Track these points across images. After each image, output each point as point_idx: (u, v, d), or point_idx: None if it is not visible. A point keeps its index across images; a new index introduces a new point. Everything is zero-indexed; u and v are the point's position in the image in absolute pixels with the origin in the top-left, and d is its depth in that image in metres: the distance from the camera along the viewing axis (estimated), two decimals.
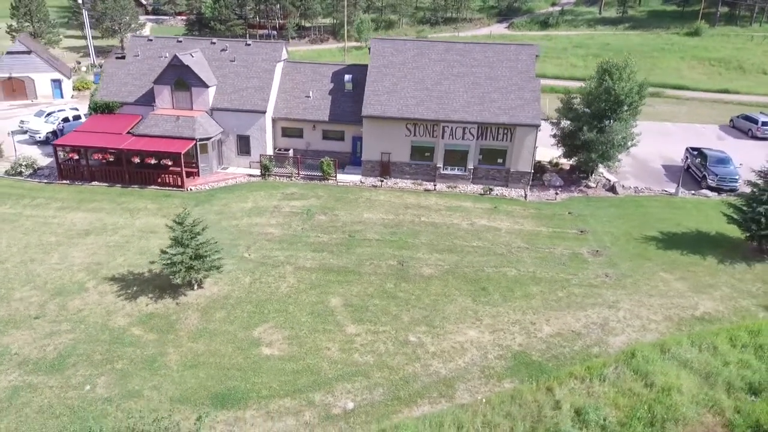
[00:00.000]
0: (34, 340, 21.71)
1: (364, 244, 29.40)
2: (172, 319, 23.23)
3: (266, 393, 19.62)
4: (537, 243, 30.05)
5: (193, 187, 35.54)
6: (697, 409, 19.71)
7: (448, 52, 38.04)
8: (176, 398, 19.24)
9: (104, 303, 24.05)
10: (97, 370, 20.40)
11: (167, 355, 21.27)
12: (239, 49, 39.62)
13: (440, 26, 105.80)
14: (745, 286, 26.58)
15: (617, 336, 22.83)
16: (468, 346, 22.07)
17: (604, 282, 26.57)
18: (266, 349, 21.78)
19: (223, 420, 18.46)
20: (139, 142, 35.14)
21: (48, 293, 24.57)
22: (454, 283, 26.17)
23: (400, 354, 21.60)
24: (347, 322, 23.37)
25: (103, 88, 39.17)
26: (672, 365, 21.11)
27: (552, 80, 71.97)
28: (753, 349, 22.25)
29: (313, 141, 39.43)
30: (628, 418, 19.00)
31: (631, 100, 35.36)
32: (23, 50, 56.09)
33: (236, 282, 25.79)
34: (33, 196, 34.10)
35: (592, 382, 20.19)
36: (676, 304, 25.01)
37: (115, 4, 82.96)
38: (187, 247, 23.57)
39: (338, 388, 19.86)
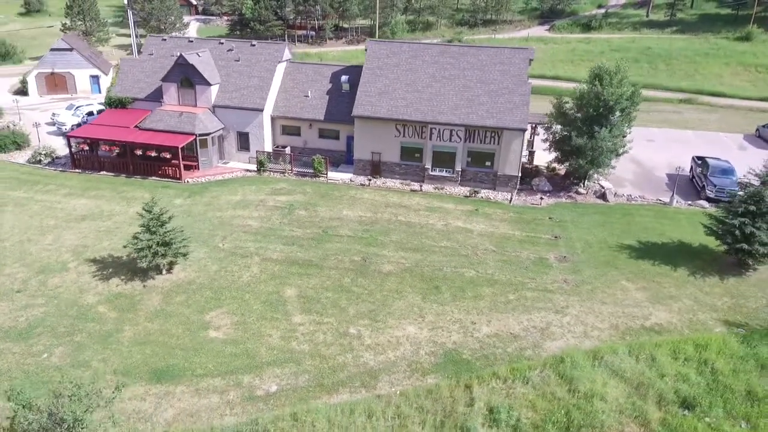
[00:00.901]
0: (10, 311, 24.02)
1: (334, 239, 30.46)
2: (136, 300, 25.07)
3: (201, 372, 21.04)
4: (506, 246, 30.21)
5: (191, 180, 37.62)
6: (620, 418, 19.72)
7: (442, 55, 38.51)
8: (119, 370, 20.96)
9: (80, 282, 26.20)
10: (58, 341, 22.42)
11: (122, 332, 23.07)
12: (244, 50, 41.48)
13: (479, 28, 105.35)
14: (709, 300, 25.93)
15: (555, 341, 22.91)
16: (403, 341, 22.76)
17: (560, 287, 26.55)
18: (213, 332, 23.22)
19: (155, 393, 20.00)
20: (143, 135, 37.56)
21: (33, 270, 26.98)
22: (410, 281, 26.84)
23: (336, 344, 22.55)
24: (296, 312, 24.51)
25: (118, 85, 41.99)
26: (602, 373, 21.11)
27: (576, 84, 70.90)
28: (696, 363, 21.91)
29: (309, 139, 40.83)
30: (543, 421, 19.26)
31: (622, 106, 34.74)
32: (65, 47, 60.34)
33: (203, 269, 27.42)
34: (45, 183, 37.10)
35: (514, 384, 20.50)
36: (627, 313, 24.75)
37: (161, 5, 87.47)
38: (154, 234, 25.36)
39: (267, 372, 21.03)
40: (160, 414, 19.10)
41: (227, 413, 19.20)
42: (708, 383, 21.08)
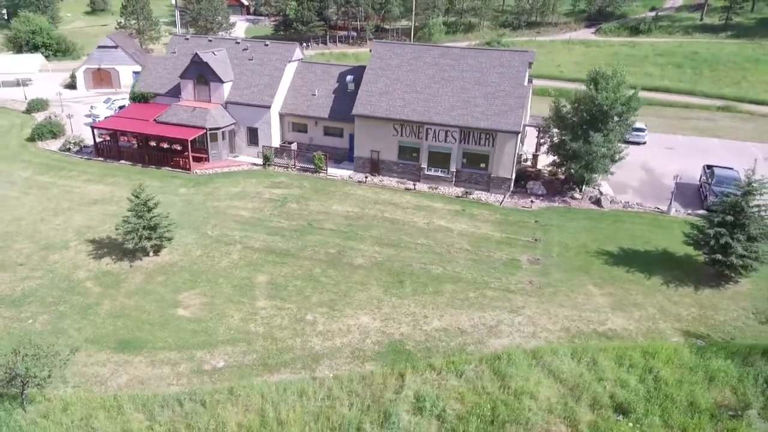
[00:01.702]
0: (10, 281, 26.74)
1: (316, 232, 31.81)
2: (121, 278, 27.29)
3: (161, 345, 22.86)
4: (481, 246, 30.63)
5: (199, 171, 39.95)
6: (548, 417, 20.05)
7: (443, 57, 39.13)
8: (90, 339, 23.08)
9: (76, 259, 28.72)
10: (44, 309, 24.84)
11: (102, 305, 25.26)
12: (258, 49, 43.53)
13: (522, 30, 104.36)
14: (675, 310, 25.53)
15: (500, 339, 23.33)
16: (353, 330, 23.80)
17: (523, 288, 26.81)
18: (182, 310, 25.05)
19: (115, 361, 21.95)
20: (158, 128, 40.22)
21: (39, 247, 29.77)
22: (377, 275, 27.81)
23: (290, 329, 23.86)
24: (261, 297, 26.01)
25: (142, 81, 45.00)
26: (538, 372, 21.43)
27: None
28: (640, 370, 21.81)
29: (315, 136, 42.39)
30: (468, 414, 19.88)
31: (618, 112, 34.29)
32: (111, 45, 64.66)
33: (188, 254, 29.40)
34: (70, 169, 40.39)
35: (447, 376, 21.16)
36: (583, 317, 24.79)
37: (209, 5, 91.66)
38: (141, 218, 27.52)
39: (219, 350, 22.60)
40: (114, 379, 21.01)
41: (174, 383, 20.88)
42: (648, 391, 20.98)
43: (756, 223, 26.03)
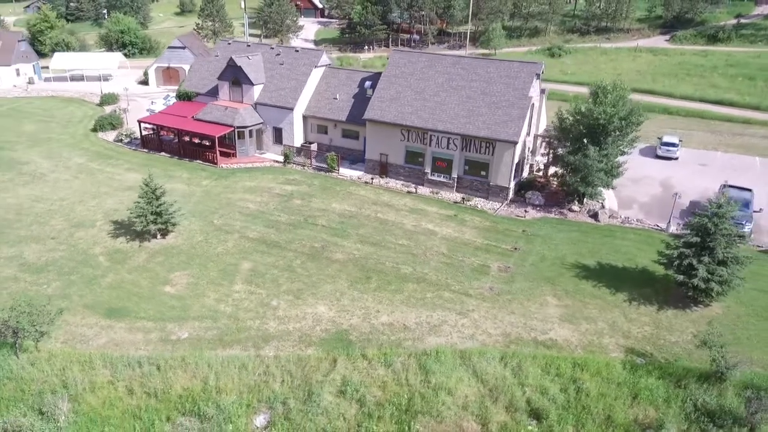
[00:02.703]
0: (39, 252, 31.40)
1: (309, 227, 34.37)
2: (128, 256, 31.21)
3: (142, 315, 26.30)
4: (458, 251, 31.86)
5: (225, 165, 43.76)
6: (461, 413, 21.44)
7: (454, 66, 40.37)
8: (87, 305, 26.95)
9: (97, 236, 33.06)
10: (59, 277, 29.11)
11: (106, 277, 29.20)
12: (289, 55, 46.77)
13: (591, 36, 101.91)
14: (627, 327, 25.69)
15: (439, 337, 24.74)
16: (308, 317, 26.10)
17: (480, 293, 27.90)
18: (169, 288, 28.46)
19: (101, 325, 25.60)
20: (192, 125, 44.46)
21: (70, 224, 34.46)
22: (349, 270, 29.91)
23: (253, 311, 26.56)
24: (240, 282, 28.92)
25: (187, 81, 49.64)
26: (462, 371, 22.75)
27: (667, 99, 68.10)
28: (565, 380, 22.60)
29: (334, 138, 45.01)
30: (386, 401, 21.69)
31: (616, 126, 34.10)
32: (179, 46, 70.81)
33: (190, 239, 32.93)
34: (117, 158, 45.60)
35: (376, 365, 23.01)
36: (528, 325, 25.59)
37: (278, 8, 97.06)
38: (149, 204, 31.32)
39: (188, 324, 25.69)
40: (95, 339, 24.63)
41: (141, 348, 24.16)
42: (568, 400, 21.76)
43: (722, 247, 25.53)
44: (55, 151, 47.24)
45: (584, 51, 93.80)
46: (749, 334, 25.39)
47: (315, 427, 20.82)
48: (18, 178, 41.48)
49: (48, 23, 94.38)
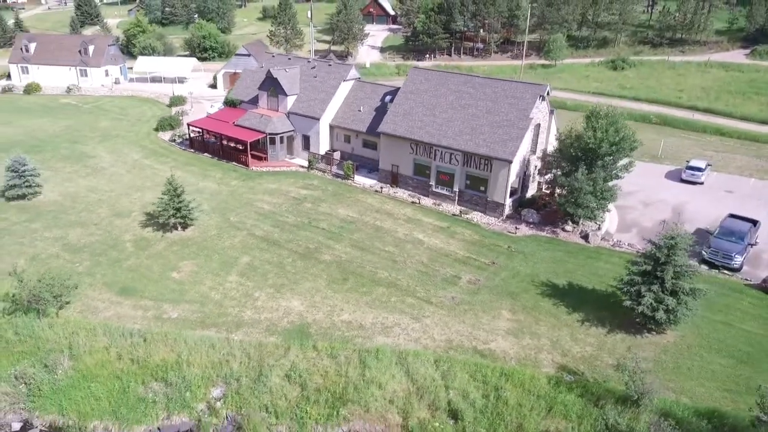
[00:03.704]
0: (81, 235, 37.12)
1: (310, 229, 37.88)
2: (151, 243, 36.21)
3: (146, 295, 30.92)
4: (437, 261, 34.11)
5: (256, 168, 48.32)
6: (387, 405, 24.10)
7: (465, 85, 42.34)
8: (106, 282, 31.99)
9: (129, 225, 38.41)
10: (90, 258, 34.51)
11: (127, 260, 34.25)
12: (323, 68, 50.61)
13: (663, 48, 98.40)
14: (569, 345, 26.99)
15: (388, 337, 27.34)
16: (281, 309, 29.56)
17: (441, 302, 30.11)
18: (175, 273, 32.99)
19: (111, 300, 30.44)
20: (231, 129, 49.40)
21: (112, 213, 40.13)
22: (331, 270, 33.09)
23: (237, 300, 30.41)
24: (234, 273, 32.93)
25: (234, 89, 54.81)
26: (397, 369, 25.31)
27: (724, 119, 65.49)
28: (489, 387, 24.64)
29: (356, 147, 48.32)
30: (324, 388, 24.77)
31: (606, 152, 34.77)
32: (245, 53, 77.01)
33: (205, 233, 37.48)
34: (166, 156, 51.52)
35: (323, 357, 26.05)
36: (473, 335, 27.55)
37: (345, 17, 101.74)
38: (171, 200, 36.16)
39: (180, 305, 29.96)
40: (103, 312, 29.46)
41: (137, 322, 28.67)
42: (486, 406, 23.73)
43: (669, 277, 26.14)
44: (119, 147, 54.05)
45: (650, 64, 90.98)
46: (692, 364, 25.92)
47: (259, 403, 24.22)
48: (82, 170, 48.27)
49: (140, 28, 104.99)
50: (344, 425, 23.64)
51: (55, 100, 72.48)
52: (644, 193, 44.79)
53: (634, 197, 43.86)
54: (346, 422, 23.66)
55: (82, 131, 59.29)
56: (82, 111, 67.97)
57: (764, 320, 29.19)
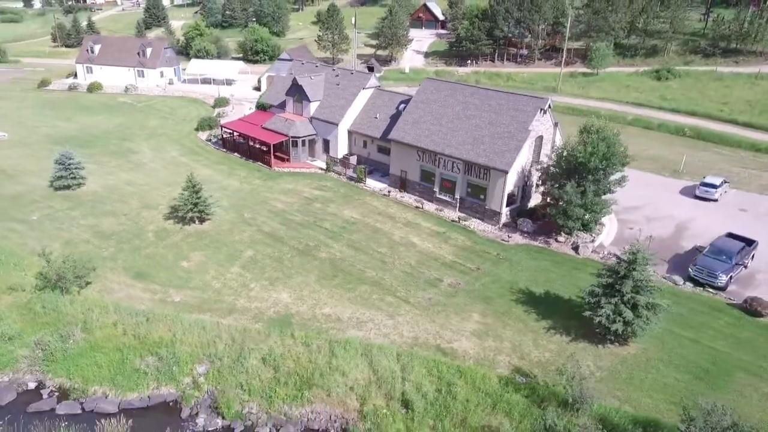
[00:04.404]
0: (110, 225, 41.49)
1: (314, 228, 40.70)
2: (170, 234, 40.07)
3: (156, 280, 34.62)
4: (425, 264, 36.08)
5: (278, 168, 51.70)
6: (348, 391, 26.50)
7: (472, 96, 43.94)
8: (124, 267, 35.95)
9: (155, 217, 42.48)
10: (116, 245, 38.65)
11: (146, 249, 38.19)
12: (346, 77, 53.39)
13: (716, 58, 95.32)
14: (528, 350, 28.40)
15: (360, 331, 29.66)
16: (271, 300, 32.46)
17: (418, 302, 32.11)
18: (185, 263, 36.59)
19: (126, 283, 34.31)
20: (258, 132, 53.02)
21: (141, 206, 44.42)
22: (324, 267, 35.73)
23: (234, 289, 33.57)
24: (236, 265, 36.17)
25: (266, 94, 58.51)
26: (361, 360, 27.62)
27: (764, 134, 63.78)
28: (442, 382, 26.52)
29: (371, 152, 50.81)
30: (294, 372, 27.42)
31: (595, 166, 35.59)
32: (287, 58, 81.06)
33: (219, 227, 41.01)
34: (200, 154, 55.79)
35: (298, 344, 28.69)
36: (439, 334, 29.43)
37: (390, 23, 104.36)
38: (190, 196, 39.91)
39: (183, 291, 33.43)
40: (117, 293, 33.33)
41: (144, 304, 32.32)
42: (437, 399, 25.67)
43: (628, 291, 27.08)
44: (161, 145, 58.93)
45: (696, 75, 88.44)
46: (646, 376, 26.78)
47: (236, 381, 27.13)
48: (125, 165, 53.24)
49: (198, 31, 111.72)
50: (307, 406, 26.19)
51: (113, 99, 79.07)
52: (652, 207, 44.89)
53: (639, 211, 44.13)
54: (309, 404, 26.20)
55: (131, 129, 64.81)
56: (135, 109, 73.96)
57: (735, 340, 29.50)
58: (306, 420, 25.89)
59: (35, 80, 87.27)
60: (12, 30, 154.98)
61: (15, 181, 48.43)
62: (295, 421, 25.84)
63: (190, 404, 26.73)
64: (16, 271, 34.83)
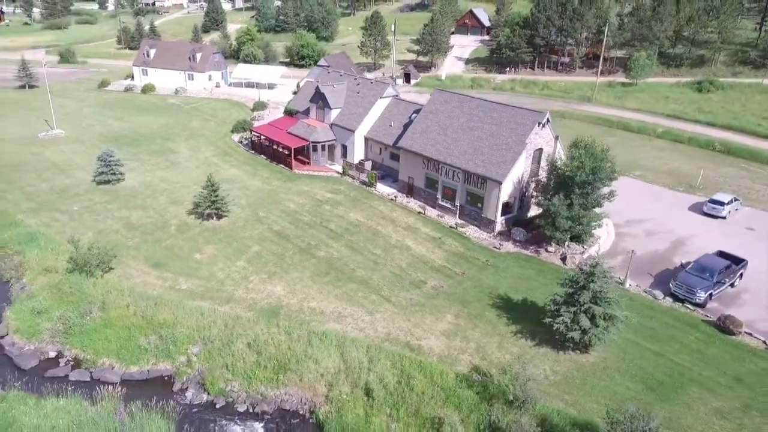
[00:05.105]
0: (140, 217, 45.99)
1: (319, 229, 43.72)
2: (189, 228, 44.11)
3: (170, 269, 38.57)
4: (414, 267, 38.36)
5: (298, 171, 55.14)
6: (318, 378, 29.36)
7: (477, 108, 45.74)
8: (144, 256, 40.14)
9: (179, 212, 46.71)
10: (141, 236, 43.02)
11: (166, 240, 42.33)
12: (365, 86, 56.23)
13: (766, 69, 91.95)
14: (491, 351, 30.30)
15: (339, 324, 32.39)
16: (266, 292, 35.69)
17: (399, 302, 34.48)
18: (198, 255, 40.42)
19: (144, 270, 38.43)
20: (281, 136, 56.68)
21: (169, 201, 48.83)
22: (320, 265, 38.65)
23: (235, 281, 37.02)
24: (242, 259, 39.66)
25: (293, 100, 62.14)
26: (333, 350, 30.35)
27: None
28: (404, 375, 28.88)
29: (384, 158, 53.40)
30: (274, 356, 30.43)
31: (581, 181, 36.73)
32: (324, 65, 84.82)
33: (234, 223, 44.73)
34: (231, 155, 60.07)
35: (281, 333, 31.73)
36: (411, 331, 31.73)
37: (432, 30, 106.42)
38: (209, 194, 43.85)
39: (191, 280, 37.17)
40: (135, 278, 37.46)
41: (155, 290, 36.26)
42: (396, 389, 28.07)
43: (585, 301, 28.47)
44: (198, 145, 63.74)
45: (740, 87, 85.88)
46: (598, 383, 28.15)
47: (223, 362, 30.47)
48: (162, 163, 58.18)
49: (249, 36, 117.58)
50: (282, 389, 29.17)
51: (163, 100, 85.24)
52: (655, 222, 45.27)
53: (640, 225, 44.66)
54: (283, 386, 29.19)
55: (175, 129, 70.16)
56: (181, 111, 79.63)
57: (701, 356, 30.24)
58: (279, 401, 28.88)
59: (97, 81, 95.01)
60: (86, 31, 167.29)
61: (65, 175, 54.11)
62: (270, 401, 28.88)
63: (182, 379, 30.27)
64: (53, 256, 39.64)
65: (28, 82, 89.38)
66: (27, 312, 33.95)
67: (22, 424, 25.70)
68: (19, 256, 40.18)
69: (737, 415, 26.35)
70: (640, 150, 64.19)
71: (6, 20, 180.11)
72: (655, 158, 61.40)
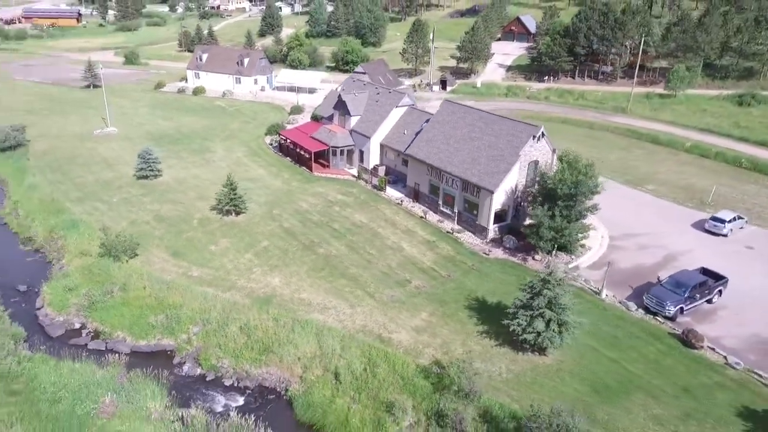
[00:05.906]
0: (169, 210, 51.09)
1: (324, 228, 47.34)
2: (209, 222, 48.75)
3: (186, 258, 43.18)
4: (403, 267, 41.27)
5: (317, 173, 59.03)
6: (294, 360, 32.96)
7: (479, 120, 48.03)
8: (166, 245, 44.98)
9: (203, 207, 51.49)
10: (166, 227, 47.99)
11: (188, 232, 47.09)
12: (384, 95, 59.44)
13: None
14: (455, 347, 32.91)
15: (322, 315, 35.84)
16: (264, 282, 39.60)
17: (381, 299, 37.52)
18: (213, 246, 44.89)
19: (164, 258, 43.22)
20: (304, 140, 60.76)
21: (196, 197, 53.77)
22: (318, 261, 42.21)
23: (240, 271, 41.15)
24: (250, 253, 43.79)
25: (320, 107, 66.15)
26: (312, 338, 33.82)
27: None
28: (370, 363, 32.04)
29: (397, 164, 56.43)
30: (259, 340, 34.23)
31: (565, 193, 38.47)
32: (361, 71, 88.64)
33: (250, 220, 49.03)
34: (259, 156, 64.75)
35: (269, 319, 35.50)
36: (386, 325, 34.73)
37: (472, 37, 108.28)
38: (229, 192, 48.39)
39: (203, 270, 41.59)
40: (155, 265, 42.28)
41: (170, 275, 40.88)
42: (362, 375, 31.20)
43: (540, 307, 30.56)
44: (233, 146, 68.90)
45: None
46: (547, 383, 30.25)
47: (216, 342, 34.56)
48: (198, 161, 63.57)
49: (298, 41, 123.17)
50: (263, 368, 32.96)
51: (210, 102, 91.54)
52: (651, 236, 46.10)
53: (635, 239, 45.66)
54: (265, 366, 32.97)
55: (215, 130, 75.79)
56: (225, 113, 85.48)
57: (656, 365, 31.66)
58: (261, 378, 32.67)
59: (155, 82, 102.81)
60: (154, 33, 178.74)
61: (111, 170, 60.31)
62: (253, 378, 32.74)
63: (181, 354, 34.61)
64: (89, 241, 45.14)
65: (93, 82, 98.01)
66: (60, 288, 39.32)
67: (41, 381, 30.63)
68: (62, 240, 45.96)
69: (675, 423, 27.82)
70: (662, 164, 64.19)
71: (83, 21, 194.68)
72: (675, 172, 61.33)
